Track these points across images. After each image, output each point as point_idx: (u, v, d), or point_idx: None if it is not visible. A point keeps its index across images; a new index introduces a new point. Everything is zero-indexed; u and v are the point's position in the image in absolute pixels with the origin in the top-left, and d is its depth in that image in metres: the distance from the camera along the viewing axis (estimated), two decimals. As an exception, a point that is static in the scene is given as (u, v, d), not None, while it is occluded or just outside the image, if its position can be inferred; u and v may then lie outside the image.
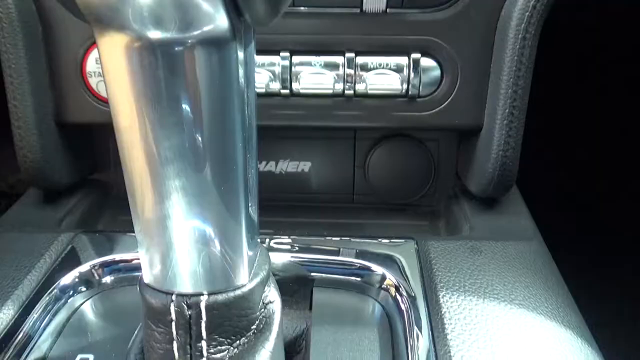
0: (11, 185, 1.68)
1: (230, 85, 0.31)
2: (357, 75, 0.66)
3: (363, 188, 0.78)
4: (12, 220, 0.68)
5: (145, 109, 0.30)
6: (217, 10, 0.27)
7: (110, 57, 0.29)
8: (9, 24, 0.63)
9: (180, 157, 0.31)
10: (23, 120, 0.66)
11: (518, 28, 0.60)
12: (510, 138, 0.63)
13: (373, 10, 0.63)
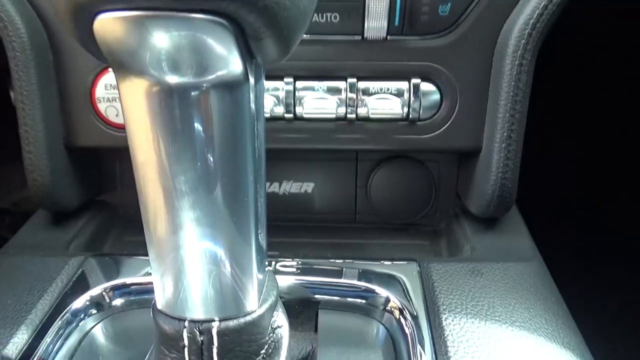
0: (15, 202, 1.69)
1: (243, 122, 0.32)
2: (359, 100, 0.67)
3: (365, 208, 0.80)
4: (21, 242, 0.69)
5: (162, 145, 0.31)
6: (231, 56, 0.29)
7: (131, 98, 0.30)
8: (22, 53, 0.65)
9: (194, 189, 0.33)
10: (34, 145, 0.67)
11: (515, 55, 0.62)
12: (509, 160, 0.65)
13: (374, 37, 0.65)
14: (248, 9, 0.26)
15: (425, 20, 0.64)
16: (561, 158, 1.37)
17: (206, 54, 0.28)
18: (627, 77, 1.23)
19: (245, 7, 0.26)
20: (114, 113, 0.70)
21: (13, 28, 0.64)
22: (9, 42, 0.65)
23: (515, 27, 0.62)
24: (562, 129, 1.34)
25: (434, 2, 0.64)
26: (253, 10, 0.27)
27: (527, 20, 0.61)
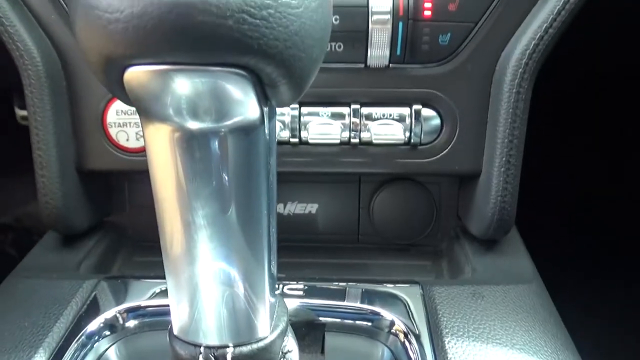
0: (18, 218, 1.70)
1: (258, 160, 0.35)
2: (362, 125, 0.70)
3: (368, 229, 0.82)
4: (33, 264, 0.71)
5: (183, 184, 0.34)
6: (249, 103, 0.31)
7: (155, 141, 0.33)
8: (37, 80, 0.67)
9: (212, 223, 0.35)
10: (47, 169, 0.69)
11: (512, 83, 0.65)
12: (508, 184, 0.67)
13: (377, 65, 0.68)
14: (266, 62, 0.29)
15: (426, 49, 0.67)
16: (560, 174, 1.40)
17: (225, 102, 0.30)
18: (625, 91, 1.26)
19: (264, 60, 0.28)
20: (125, 138, 0.72)
21: (29, 56, 0.66)
22: (25, 69, 0.67)
23: (513, 57, 0.65)
24: (561, 142, 1.36)
25: (434, 32, 0.66)
26: (271, 63, 0.29)
27: (524, 50, 0.64)
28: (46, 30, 0.69)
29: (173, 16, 0.26)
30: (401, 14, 0.65)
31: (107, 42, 0.27)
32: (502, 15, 0.66)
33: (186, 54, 0.27)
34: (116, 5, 0.26)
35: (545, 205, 1.31)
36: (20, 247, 1.62)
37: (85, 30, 0.28)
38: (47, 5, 0.68)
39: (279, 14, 0.28)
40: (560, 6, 0.63)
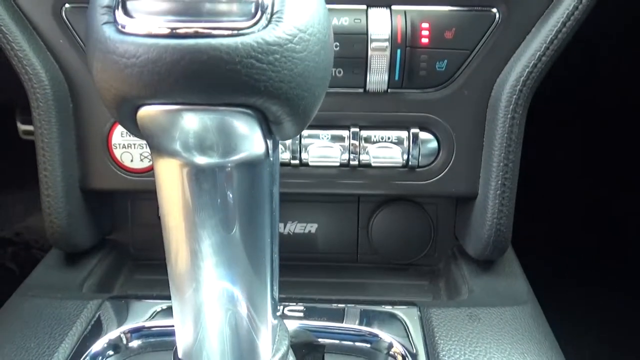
0: (17, 232, 1.71)
1: (262, 191, 0.36)
2: (361, 147, 0.72)
3: (366, 248, 0.83)
4: (37, 282, 0.72)
5: (190, 214, 0.35)
6: (254, 139, 0.33)
7: (165, 174, 0.34)
8: (45, 103, 0.69)
9: (217, 252, 0.36)
10: (52, 189, 0.71)
11: (507, 109, 0.67)
12: (504, 207, 0.69)
13: (375, 90, 0.70)
14: (272, 102, 0.30)
15: (423, 75, 0.69)
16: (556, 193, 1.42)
17: (232, 138, 0.32)
18: (623, 117, 1.29)
19: (270, 101, 0.30)
20: (129, 158, 0.74)
21: (37, 80, 0.68)
22: (33, 92, 0.69)
23: (507, 83, 0.67)
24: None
25: (432, 58, 0.68)
26: (276, 103, 0.31)
27: (518, 77, 0.66)
28: (54, 54, 0.71)
29: (185, 62, 0.27)
30: (399, 41, 0.67)
31: (123, 84, 0.29)
32: (497, 43, 0.68)
33: (197, 95, 0.29)
34: (132, 51, 0.28)
35: (540, 222, 1.32)
36: (20, 261, 1.62)
37: (103, 72, 0.29)
38: (56, 30, 0.70)
39: (284, 58, 0.29)
40: (553, 35, 0.66)
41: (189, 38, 0.28)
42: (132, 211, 0.84)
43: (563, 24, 0.65)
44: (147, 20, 0.28)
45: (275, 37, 0.29)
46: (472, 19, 0.68)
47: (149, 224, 0.83)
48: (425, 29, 0.67)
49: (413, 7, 0.68)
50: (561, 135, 1.32)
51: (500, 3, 0.67)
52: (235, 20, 0.28)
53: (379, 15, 0.67)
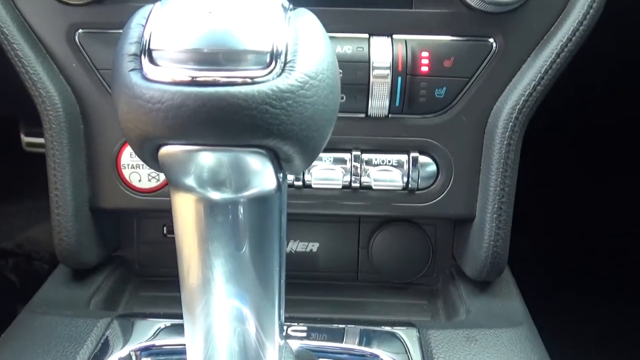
0: (18, 244, 1.72)
1: (272, 222, 0.38)
2: (362, 170, 0.74)
3: (367, 267, 0.85)
4: (45, 299, 0.73)
5: (205, 244, 0.37)
6: (266, 176, 0.35)
7: (181, 206, 0.37)
8: (57, 125, 0.71)
9: (229, 278, 0.39)
10: (63, 208, 0.73)
11: (503, 135, 0.70)
12: (500, 230, 0.71)
13: (377, 115, 0.72)
14: (284, 143, 0.33)
15: (423, 101, 0.72)
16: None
17: (245, 176, 0.34)
18: (619, 134, 1.32)
19: (282, 142, 0.33)
20: (138, 179, 0.76)
21: (51, 103, 0.71)
22: (46, 115, 0.71)
23: (504, 111, 0.70)
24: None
25: (431, 86, 0.71)
26: (288, 143, 0.33)
27: (514, 105, 0.69)
28: (67, 77, 0.73)
29: (207, 108, 0.30)
30: (400, 69, 0.70)
31: (147, 126, 0.31)
32: (494, 72, 0.71)
33: (215, 137, 0.31)
34: (158, 97, 0.30)
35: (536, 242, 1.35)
36: (21, 272, 1.63)
37: (129, 114, 0.32)
38: (69, 54, 0.72)
39: (296, 103, 0.32)
40: (548, 65, 0.68)
41: (209, 86, 0.30)
42: (137, 229, 0.86)
43: (557, 55, 0.68)
44: (171, 68, 0.31)
45: (288, 85, 0.31)
46: (470, 48, 0.70)
47: (154, 241, 0.85)
48: (425, 57, 0.70)
49: (413, 36, 0.71)
50: (556, 158, 1.35)
51: (497, 34, 0.70)
52: (252, 69, 0.31)
53: (380, 44, 0.70)
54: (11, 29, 0.70)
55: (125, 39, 0.33)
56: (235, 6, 0.32)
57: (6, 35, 0.70)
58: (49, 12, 0.71)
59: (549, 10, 0.69)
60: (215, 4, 0.32)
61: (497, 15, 0.69)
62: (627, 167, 1.35)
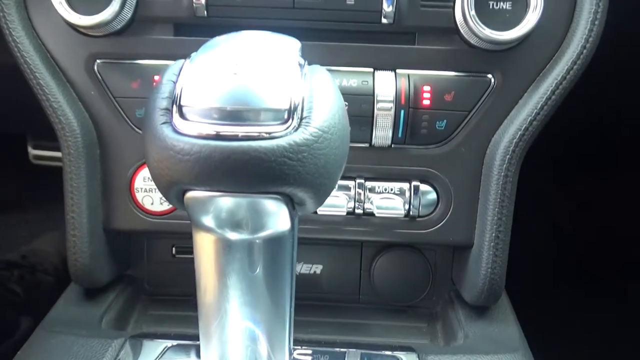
0: (23, 255, 1.74)
1: (285, 257, 0.42)
2: (365, 197, 0.77)
3: (368, 290, 0.88)
4: (59, 317, 0.76)
5: (223, 278, 0.40)
6: (281, 218, 0.38)
7: (201, 243, 0.40)
8: (75, 151, 0.75)
9: (246, 307, 0.42)
10: (78, 230, 0.76)
11: (500, 167, 0.73)
12: (497, 257, 0.74)
13: (380, 145, 0.76)
14: (299, 190, 0.36)
15: (425, 133, 0.75)
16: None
17: (262, 219, 0.38)
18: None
19: (297, 189, 0.36)
20: (150, 202, 0.79)
21: (70, 130, 0.74)
22: (65, 140, 0.75)
23: (501, 144, 0.73)
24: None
25: (432, 118, 0.75)
26: (302, 190, 0.36)
27: (511, 139, 0.73)
28: (85, 104, 0.77)
29: (231, 160, 0.33)
30: (403, 102, 0.73)
31: (176, 174, 0.35)
32: (492, 106, 0.74)
33: (237, 186, 0.35)
34: (187, 149, 0.34)
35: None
36: (25, 284, 1.65)
37: (159, 162, 0.35)
38: (87, 82, 0.76)
39: (311, 155, 0.35)
40: (543, 102, 0.72)
41: (233, 140, 0.33)
42: (147, 249, 0.89)
43: (552, 92, 0.72)
44: (199, 123, 0.34)
45: (303, 139, 0.35)
46: (469, 83, 0.74)
47: (163, 261, 0.88)
48: (426, 91, 0.74)
49: (416, 71, 0.74)
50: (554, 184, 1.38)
51: (496, 70, 0.74)
52: (271, 124, 0.34)
53: (384, 78, 0.74)
54: (34, 58, 0.74)
55: (158, 93, 0.37)
56: (256, 67, 0.36)
57: (29, 64, 0.74)
58: (69, 42, 0.75)
59: (544, 50, 0.73)
60: (239, 64, 0.35)
61: (495, 53, 0.73)
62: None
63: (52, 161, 1.72)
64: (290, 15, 0.72)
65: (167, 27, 0.74)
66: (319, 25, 0.73)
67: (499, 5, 0.70)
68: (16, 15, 0.74)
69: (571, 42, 0.72)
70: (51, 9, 0.71)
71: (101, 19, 0.70)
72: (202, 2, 0.71)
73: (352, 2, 0.71)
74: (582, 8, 0.71)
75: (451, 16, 0.72)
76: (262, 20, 0.73)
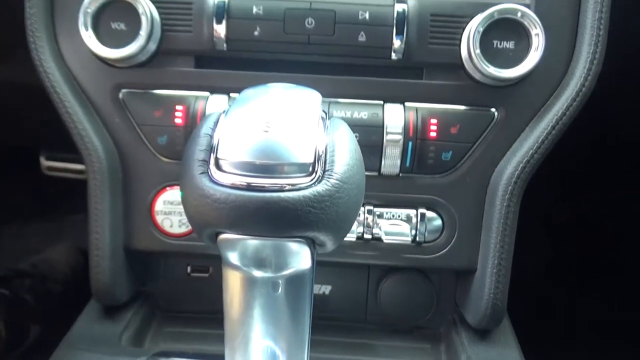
0: (33, 264, 1.77)
1: (306, 290, 0.46)
2: (374, 223, 0.81)
3: (374, 310, 0.91)
4: (81, 334, 0.80)
5: (247, 310, 0.44)
6: (302, 259, 0.42)
7: (230, 279, 0.44)
8: (100, 175, 0.79)
9: (268, 337, 0.46)
10: (101, 250, 0.80)
11: (503, 197, 0.77)
12: (499, 283, 0.78)
13: (389, 173, 0.80)
14: (320, 234, 0.40)
15: (431, 163, 0.79)
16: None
17: (285, 259, 0.42)
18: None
19: (319, 233, 0.40)
20: (169, 224, 0.83)
21: (96, 156, 0.79)
22: (91, 166, 0.79)
23: (504, 175, 0.77)
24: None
25: (438, 149, 0.79)
26: (323, 234, 0.40)
27: (513, 171, 0.76)
28: (110, 131, 0.81)
29: (262, 210, 0.37)
30: (411, 134, 0.77)
31: (212, 219, 0.39)
32: (495, 138, 0.79)
33: (266, 231, 0.39)
34: (223, 199, 0.38)
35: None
36: (35, 293, 1.68)
37: (197, 207, 0.39)
38: (112, 110, 0.80)
39: (332, 204, 0.39)
40: (544, 136, 0.76)
41: (265, 192, 0.38)
42: (164, 268, 0.93)
43: (553, 127, 0.76)
44: (234, 175, 0.38)
45: (326, 190, 0.39)
46: (474, 117, 0.78)
47: (178, 279, 0.92)
48: (433, 124, 0.78)
49: (424, 104, 0.79)
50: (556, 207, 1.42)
51: (499, 105, 0.78)
52: (297, 176, 0.39)
53: (394, 111, 0.78)
54: (63, 88, 0.78)
55: (196, 145, 0.41)
56: (284, 125, 0.40)
57: (59, 94, 0.78)
58: (96, 73, 0.79)
59: (545, 87, 0.77)
60: (269, 122, 0.40)
61: (499, 89, 0.77)
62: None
63: (64, 172, 1.77)
64: (306, 50, 0.76)
65: (188, 59, 0.79)
66: (333, 60, 0.78)
67: (503, 45, 0.75)
68: (47, 47, 0.78)
69: (571, 80, 0.76)
70: (80, 42, 0.75)
71: (128, 53, 0.75)
72: (221, 36, 0.76)
73: (363, 38, 0.76)
74: (581, 49, 0.76)
75: (457, 53, 0.76)
76: (278, 55, 0.77)
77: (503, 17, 0.73)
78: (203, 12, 0.76)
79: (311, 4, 0.75)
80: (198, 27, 0.76)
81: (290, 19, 0.75)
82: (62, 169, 1.76)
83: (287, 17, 0.75)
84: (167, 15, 0.76)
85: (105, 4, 0.74)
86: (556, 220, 1.51)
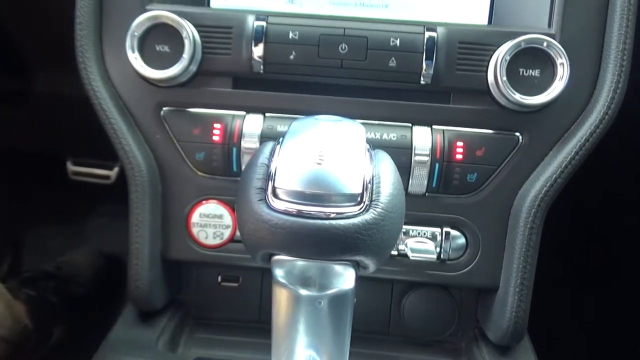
0: (58, 266, 1.83)
1: (348, 307, 0.49)
2: (400, 240, 0.84)
3: (397, 323, 0.94)
4: (120, 339, 0.84)
5: (293, 324, 0.48)
6: (347, 279, 0.46)
7: (279, 295, 0.48)
8: (142, 189, 0.83)
9: (314, 349, 0.49)
10: (141, 259, 0.84)
11: (526, 220, 0.80)
12: (521, 302, 0.80)
13: (415, 193, 0.83)
14: (365, 257, 0.44)
15: (457, 184, 0.82)
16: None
17: (331, 280, 0.45)
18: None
19: (365, 257, 0.44)
20: (204, 236, 0.87)
21: (138, 170, 0.83)
22: (133, 179, 0.84)
23: (528, 198, 0.80)
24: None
25: (464, 171, 0.82)
26: (369, 258, 0.44)
27: (537, 194, 0.79)
28: (151, 147, 0.85)
29: (315, 236, 0.41)
30: (438, 156, 0.81)
31: (268, 242, 0.43)
32: (519, 162, 0.81)
33: (317, 255, 0.43)
34: (280, 224, 0.42)
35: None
36: (60, 295, 1.73)
37: (254, 232, 0.43)
38: (154, 127, 0.85)
39: (377, 231, 0.43)
40: (567, 162, 0.79)
41: (318, 219, 0.41)
42: (197, 277, 0.97)
43: (576, 153, 0.79)
44: (290, 203, 0.42)
45: (372, 218, 0.43)
46: (499, 140, 0.81)
47: (210, 288, 0.96)
48: (460, 147, 0.81)
49: (450, 127, 0.82)
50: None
51: (524, 130, 0.81)
52: (346, 205, 0.42)
53: (422, 133, 0.81)
54: (109, 106, 0.83)
55: (253, 173, 0.45)
56: (335, 157, 0.44)
57: (105, 111, 0.83)
58: (140, 91, 0.84)
59: (569, 113, 0.80)
60: (322, 155, 0.43)
61: (523, 114, 0.80)
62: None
63: (89, 177, 1.83)
64: (338, 74, 0.80)
65: (226, 80, 0.84)
66: (364, 84, 0.81)
67: (529, 72, 0.78)
68: (95, 67, 0.83)
69: (594, 107, 0.79)
70: (126, 63, 0.80)
71: (171, 74, 0.79)
72: (259, 59, 0.80)
73: (394, 64, 0.79)
74: (604, 77, 0.78)
75: (484, 79, 0.79)
76: (312, 77, 0.81)
77: (530, 46, 0.76)
78: (242, 36, 0.80)
79: (345, 30, 0.79)
80: (237, 50, 0.80)
81: (325, 44, 0.79)
82: (87, 174, 1.83)
83: (321, 42, 0.79)
84: (208, 38, 0.81)
85: (151, 27, 0.79)
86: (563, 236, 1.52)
